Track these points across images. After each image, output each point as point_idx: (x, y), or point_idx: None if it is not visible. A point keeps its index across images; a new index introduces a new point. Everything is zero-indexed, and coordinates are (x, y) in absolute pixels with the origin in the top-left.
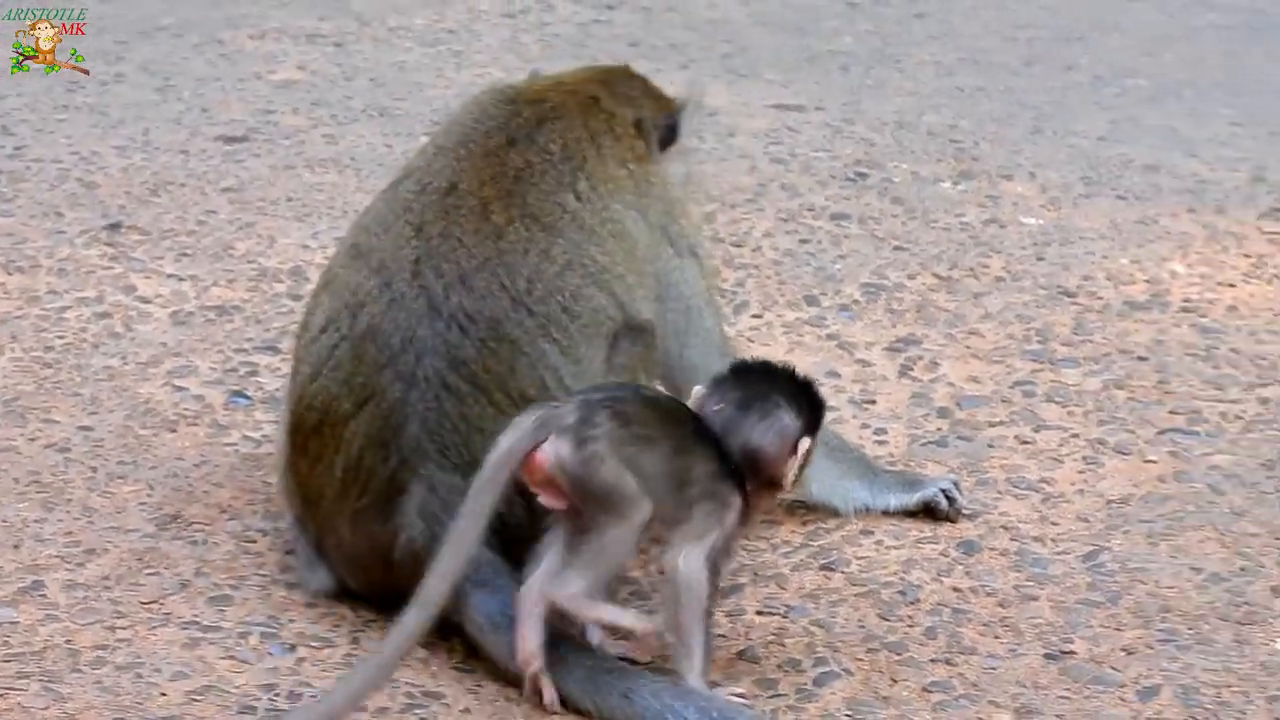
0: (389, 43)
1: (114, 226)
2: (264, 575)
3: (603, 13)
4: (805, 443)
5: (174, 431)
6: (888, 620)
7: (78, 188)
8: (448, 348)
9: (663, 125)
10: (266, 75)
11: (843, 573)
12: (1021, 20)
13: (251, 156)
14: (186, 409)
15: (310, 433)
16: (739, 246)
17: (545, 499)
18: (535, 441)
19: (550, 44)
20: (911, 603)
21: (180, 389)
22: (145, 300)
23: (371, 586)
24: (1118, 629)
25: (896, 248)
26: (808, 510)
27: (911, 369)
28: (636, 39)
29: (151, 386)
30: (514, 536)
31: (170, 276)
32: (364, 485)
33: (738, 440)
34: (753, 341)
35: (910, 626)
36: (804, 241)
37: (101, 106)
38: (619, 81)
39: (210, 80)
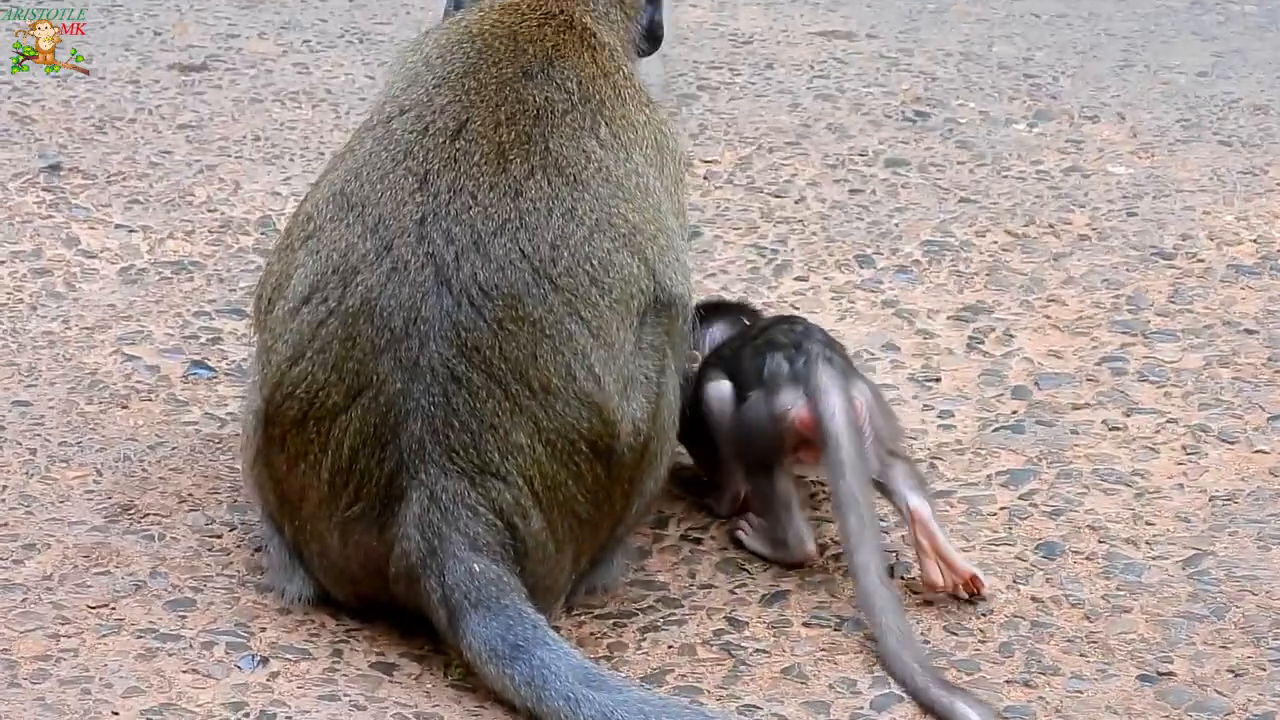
0: None
1: (53, 168)
2: (230, 576)
3: None
4: None
5: (125, 408)
6: (956, 635)
7: (10, 123)
8: (458, 330)
9: (643, 26)
10: None
11: (903, 579)
12: None
13: (211, 88)
14: (139, 382)
15: (290, 426)
16: (779, 198)
17: (802, 457)
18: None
19: None
20: (984, 614)
21: (132, 358)
22: (90, 254)
23: (360, 599)
24: (1223, 646)
25: (963, 200)
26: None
27: (982, 342)
28: None
29: (98, 355)
30: (525, 549)
31: (119, 227)
32: (356, 490)
33: None
34: (797, 308)
35: (982, 642)
36: (855, 192)
37: None
38: None
39: None
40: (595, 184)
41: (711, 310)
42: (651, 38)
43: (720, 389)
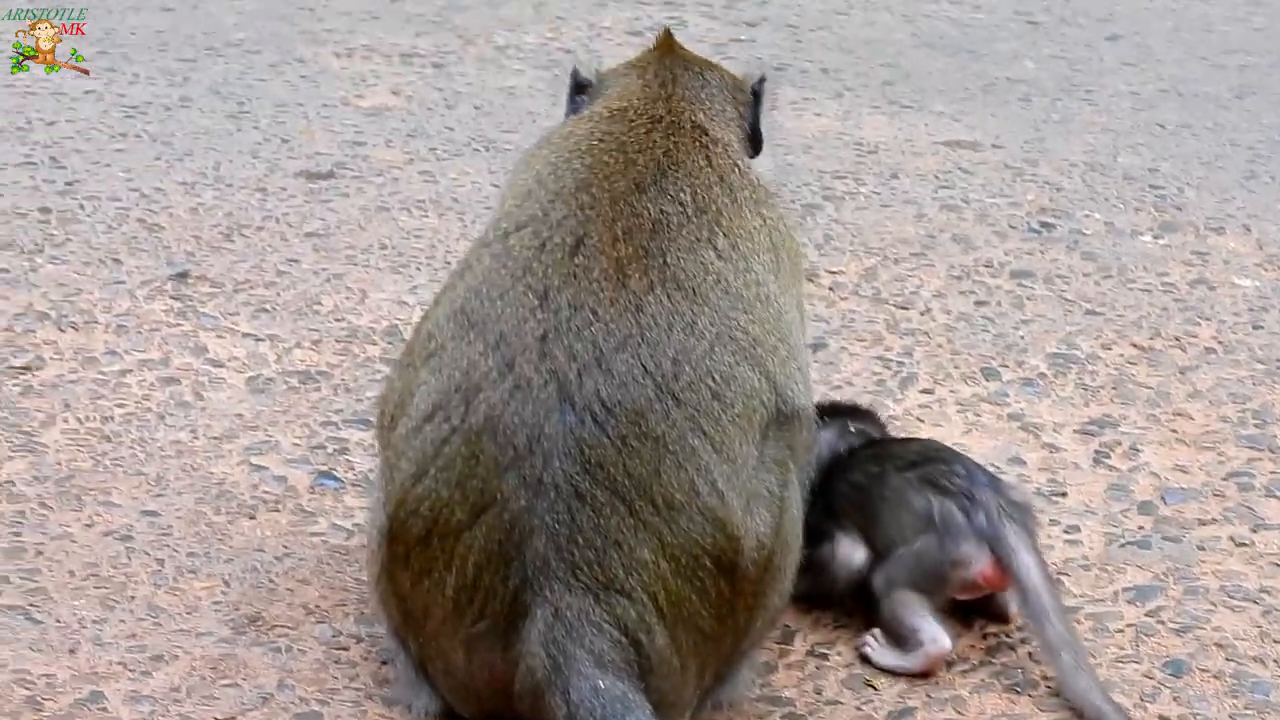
0: (496, 64)
1: (181, 276)
2: (357, 689)
3: (743, 30)
4: None
5: (252, 518)
6: None
7: (139, 230)
8: (581, 447)
9: (748, 126)
10: (355, 101)
11: (1030, 696)
12: (1231, 44)
13: (338, 196)
14: (267, 492)
15: (415, 544)
16: (905, 309)
17: (960, 596)
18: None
19: None
20: None
21: (259, 468)
22: (218, 363)
23: (485, 715)
24: None
25: (1089, 312)
26: (987, 621)
27: (1108, 456)
28: (782, 61)
29: (226, 465)
30: (650, 665)
31: (246, 336)
32: (480, 607)
33: None
34: (922, 421)
35: None
36: (981, 304)
37: (165, 135)
38: (697, 86)
39: (291, 106)
40: (715, 297)
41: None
42: (755, 140)
43: (852, 553)
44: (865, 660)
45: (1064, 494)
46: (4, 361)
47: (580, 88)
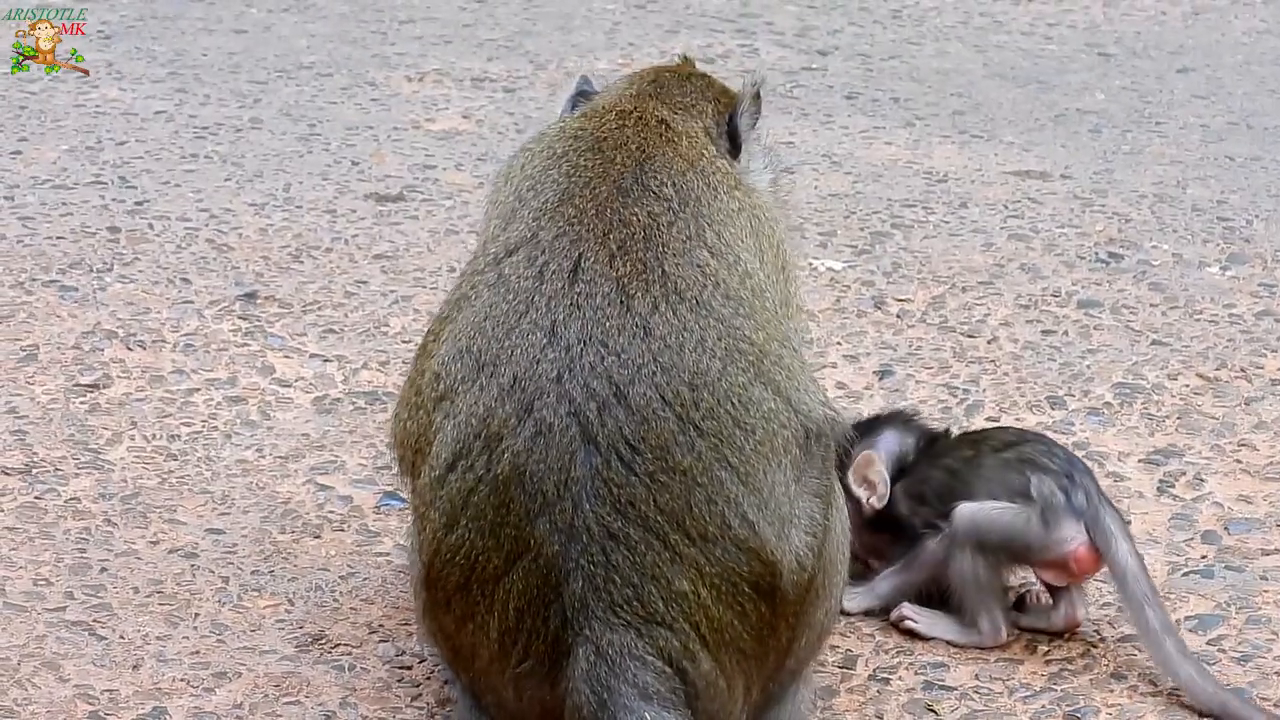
0: (567, 89)
1: (249, 296)
2: (419, 708)
3: (814, 59)
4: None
5: (317, 538)
6: None
7: (208, 250)
8: (610, 488)
9: (723, 131)
10: (425, 124)
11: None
12: None
13: (408, 218)
14: (332, 511)
15: (455, 590)
16: (972, 337)
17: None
18: None
19: None
20: None
21: (325, 488)
22: (285, 383)
23: None
24: None
25: (1155, 342)
26: (1051, 648)
27: (1172, 485)
28: (853, 90)
29: (291, 484)
30: (696, 690)
31: (314, 356)
32: (524, 649)
33: None
34: None
35: None
36: (1048, 333)
37: (235, 157)
38: (673, 87)
39: (361, 129)
40: (716, 304)
41: (874, 423)
42: (732, 140)
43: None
44: (912, 634)
45: (1128, 523)
46: (72, 379)
47: (583, 95)
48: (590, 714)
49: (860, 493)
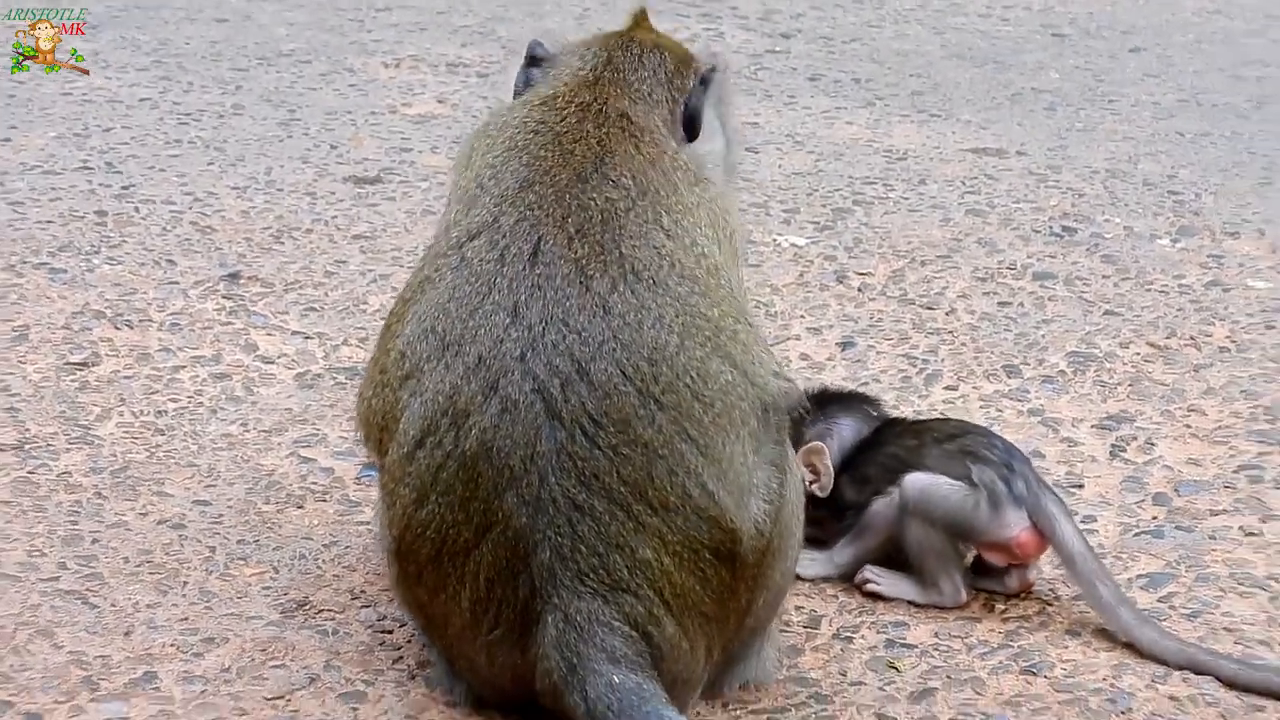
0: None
1: (232, 277)
2: (401, 670)
3: (778, 42)
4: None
5: (300, 508)
6: None
7: (192, 233)
8: (575, 461)
9: (682, 115)
10: (402, 109)
11: (1046, 677)
12: (1250, 56)
13: (385, 200)
14: (314, 483)
15: (426, 563)
16: (931, 309)
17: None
18: None
19: None
20: (1123, 712)
21: (307, 460)
22: (267, 360)
23: (515, 703)
24: None
25: (1107, 312)
26: (1008, 607)
27: (1124, 450)
28: (816, 72)
29: (275, 457)
30: (661, 653)
31: (295, 334)
32: (495, 616)
33: None
34: (947, 417)
35: None
36: (1004, 304)
37: (218, 142)
38: (629, 71)
39: (340, 114)
40: (673, 282)
41: (830, 400)
42: (690, 126)
43: (887, 513)
44: (875, 596)
45: (1081, 486)
46: (63, 358)
47: (534, 60)
48: (560, 678)
49: (805, 475)
